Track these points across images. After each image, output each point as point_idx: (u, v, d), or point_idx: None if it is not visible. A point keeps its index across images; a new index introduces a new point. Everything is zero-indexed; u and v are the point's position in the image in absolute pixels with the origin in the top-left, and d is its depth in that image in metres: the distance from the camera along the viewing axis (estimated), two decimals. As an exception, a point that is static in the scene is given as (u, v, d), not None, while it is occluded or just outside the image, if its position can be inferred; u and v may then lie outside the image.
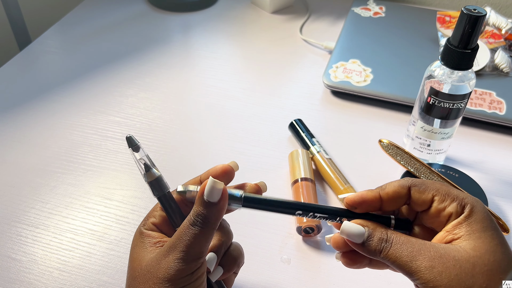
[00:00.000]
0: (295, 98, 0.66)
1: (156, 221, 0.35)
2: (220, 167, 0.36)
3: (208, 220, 0.32)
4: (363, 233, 0.32)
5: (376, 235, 0.31)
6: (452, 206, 0.31)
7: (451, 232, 0.31)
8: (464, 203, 0.31)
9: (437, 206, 0.32)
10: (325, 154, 0.54)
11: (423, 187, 0.32)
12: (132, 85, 0.68)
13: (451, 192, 0.32)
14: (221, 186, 0.32)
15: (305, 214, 0.34)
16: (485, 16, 0.43)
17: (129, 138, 0.34)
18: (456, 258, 0.29)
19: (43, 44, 0.77)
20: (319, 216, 0.34)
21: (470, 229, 0.30)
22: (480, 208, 0.31)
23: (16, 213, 0.49)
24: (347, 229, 0.32)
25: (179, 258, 0.31)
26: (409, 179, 0.33)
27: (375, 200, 0.33)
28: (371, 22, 0.79)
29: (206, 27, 0.82)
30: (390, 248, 0.31)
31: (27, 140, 0.58)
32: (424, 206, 0.32)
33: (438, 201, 0.32)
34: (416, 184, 0.32)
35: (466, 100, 0.49)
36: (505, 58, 0.67)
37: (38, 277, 0.43)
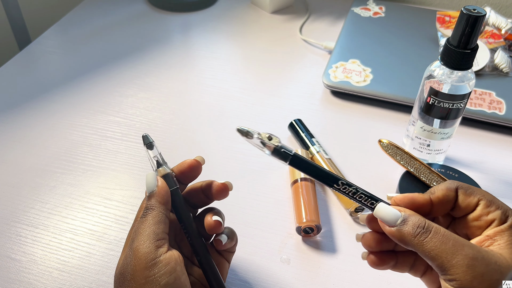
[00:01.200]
0: (294, 98, 0.66)
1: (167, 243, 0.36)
2: (187, 162, 0.38)
3: (153, 205, 0.34)
4: (398, 216, 0.31)
5: (412, 220, 0.30)
6: (496, 212, 0.31)
7: (491, 237, 0.30)
8: (508, 214, 0.31)
9: (482, 210, 0.32)
10: (325, 154, 0.54)
11: (470, 191, 0.32)
12: (132, 85, 0.68)
13: (496, 200, 0.32)
14: (154, 176, 0.36)
15: (346, 188, 0.34)
16: (484, 16, 0.43)
17: (144, 136, 0.38)
18: (498, 263, 0.28)
19: (43, 44, 0.77)
20: (360, 193, 0.33)
21: (511, 238, 0.30)
22: None
23: (16, 213, 0.49)
24: (382, 210, 0.31)
25: (137, 246, 0.32)
26: (456, 182, 0.33)
27: (425, 204, 0.32)
28: (371, 22, 0.79)
29: (206, 27, 0.82)
30: (428, 236, 0.29)
31: (26, 140, 0.58)
32: (467, 210, 0.32)
33: (484, 205, 0.32)
34: (463, 187, 0.33)
35: (465, 100, 0.49)
36: (504, 58, 0.67)
37: (37, 277, 0.43)
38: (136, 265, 0.31)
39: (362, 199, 0.33)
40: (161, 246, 0.33)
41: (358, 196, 0.34)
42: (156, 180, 0.36)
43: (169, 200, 0.36)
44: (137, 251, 0.32)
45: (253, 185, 0.53)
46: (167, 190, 0.36)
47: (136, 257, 0.32)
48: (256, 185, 0.53)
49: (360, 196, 0.33)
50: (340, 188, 0.34)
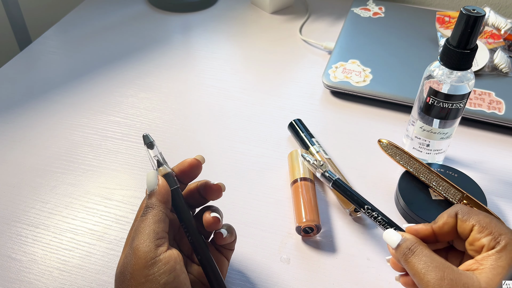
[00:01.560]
0: (294, 98, 0.66)
1: None
2: (188, 161, 0.38)
3: (154, 204, 0.34)
4: (399, 240, 0.35)
5: (405, 243, 0.34)
6: (486, 238, 0.32)
7: (478, 261, 0.32)
8: (500, 239, 0.32)
9: (474, 236, 0.33)
10: (325, 154, 0.54)
11: (466, 216, 0.34)
12: (132, 85, 0.68)
13: (491, 225, 0.33)
14: (155, 174, 0.36)
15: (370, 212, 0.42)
16: (484, 16, 0.43)
17: (145, 136, 0.38)
18: (466, 286, 0.30)
19: (44, 44, 0.77)
20: (380, 218, 0.41)
21: (495, 263, 0.31)
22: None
23: (16, 213, 0.49)
24: (387, 234, 0.36)
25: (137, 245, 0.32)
26: (458, 206, 0.35)
27: (428, 234, 0.36)
28: (371, 23, 0.79)
29: (206, 27, 0.82)
30: (411, 256, 0.33)
31: (27, 140, 0.58)
32: (464, 235, 0.35)
33: (476, 231, 0.33)
34: (462, 211, 0.35)
35: (465, 100, 0.49)
36: (504, 58, 0.67)
37: (38, 277, 0.43)
38: (136, 264, 0.32)
39: (381, 223, 0.41)
40: (161, 245, 0.33)
41: (377, 221, 0.41)
42: (157, 179, 0.36)
43: (170, 199, 0.36)
44: (137, 250, 0.32)
45: (253, 185, 0.53)
46: (167, 189, 0.36)
47: (136, 256, 0.32)
48: (256, 185, 0.53)
49: (379, 221, 0.41)
50: (365, 212, 0.42)
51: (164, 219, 0.34)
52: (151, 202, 0.35)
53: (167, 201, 0.36)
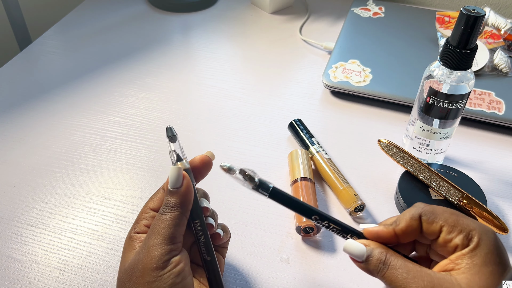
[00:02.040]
0: (294, 98, 0.66)
1: (148, 222, 0.36)
2: (199, 158, 0.37)
3: (176, 205, 0.33)
4: (364, 252, 0.33)
5: (375, 256, 0.32)
6: (458, 237, 0.31)
7: (453, 261, 0.31)
8: (471, 235, 0.31)
9: (445, 237, 0.32)
10: (325, 154, 0.54)
11: (432, 217, 0.32)
12: (132, 85, 0.68)
13: (459, 223, 0.31)
14: (181, 171, 0.34)
15: (320, 222, 0.35)
16: (484, 16, 0.43)
17: (168, 128, 0.37)
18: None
19: (44, 44, 0.77)
20: (333, 227, 0.35)
21: (471, 262, 0.30)
22: (488, 242, 0.30)
23: (16, 213, 0.49)
24: (350, 247, 0.33)
25: (152, 245, 0.32)
26: (420, 207, 0.33)
27: (390, 237, 0.34)
28: (371, 23, 0.79)
29: (206, 27, 0.82)
30: (386, 271, 0.31)
31: (27, 140, 0.59)
32: (433, 236, 0.33)
33: (446, 232, 0.32)
34: (426, 213, 0.33)
35: (465, 100, 0.49)
36: (504, 58, 0.67)
37: (38, 277, 0.43)
38: (148, 264, 0.32)
39: (335, 231, 0.35)
40: (176, 249, 0.33)
41: (331, 229, 0.35)
42: (182, 177, 0.34)
43: (192, 201, 0.35)
44: (151, 250, 0.32)
45: (253, 185, 0.53)
46: (191, 190, 0.35)
47: (149, 256, 0.32)
48: (256, 185, 0.53)
49: (333, 229, 0.35)
50: (316, 221, 0.35)
51: (184, 222, 0.34)
52: (173, 201, 0.34)
53: (190, 203, 0.34)
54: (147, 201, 0.37)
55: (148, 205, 0.37)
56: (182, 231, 0.34)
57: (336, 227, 0.35)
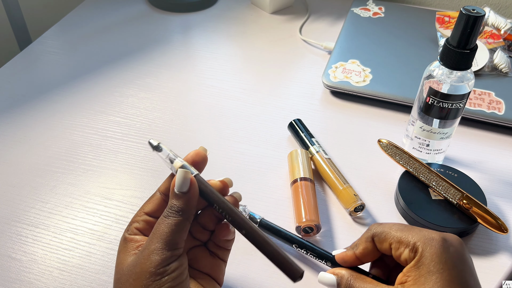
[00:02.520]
0: (294, 98, 0.66)
1: (139, 226, 0.36)
2: (194, 151, 0.37)
3: (180, 210, 0.33)
4: (334, 281, 0.36)
5: (343, 283, 0.35)
6: (405, 253, 0.33)
7: (405, 274, 0.32)
8: (416, 247, 0.32)
9: (395, 254, 0.34)
10: (325, 154, 0.54)
11: (382, 237, 0.34)
12: (132, 85, 0.68)
13: (404, 238, 0.33)
14: (189, 175, 0.34)
15: (301, 248, 0.42)
16: (484, 16, 0.43)
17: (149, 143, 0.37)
18: None
19: (44, 44, 0.77)
20: (310, 253, 0.41)
21: (418, 273, 0.32)
22: (432, 250, 0.32)
23: (16, 213, 0.49)
24: (322, 278, 0.37)
25: (154, 250, 0.32)
26: (372, 229, 0.35)
27: (353, 260, 0.37)
28: (371, 23, 0.79)
29: (206, 27, 0.82)
30: None
31: (27, 140, 0.59)
32: (388, 253, 0.35)
33: (394, 249, 0.34)
34: (377, 234, 0.35)
35: (465, 100, 0.49)
36: (504, 58, 0.67)
37: (38, 277, 0.43)
38: (147, 267, 0.31)
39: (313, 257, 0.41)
40: (176, 254, 0.33)
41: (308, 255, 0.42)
42: (189, 181, 0.34)
43: (196, 205, 0.34)
44: (152, 255, 0.32)
45: (253, 185, 0.53)
46: (197, 195, 0.34)
47: (149, 260, 0.32)
48: (256, 185, 0.53)
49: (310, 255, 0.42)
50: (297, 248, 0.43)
51: (187, 228, 0.33)
52: (178, 206, 0.33)
53: (194, 208, 0.34)
54: (143, 204, 0.37)
55: (143, 208, 0.36)
56: (184, 237, 0.33)
57: (313, 254, 0.41)
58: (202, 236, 0.38)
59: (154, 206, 0.36)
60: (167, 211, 0.33)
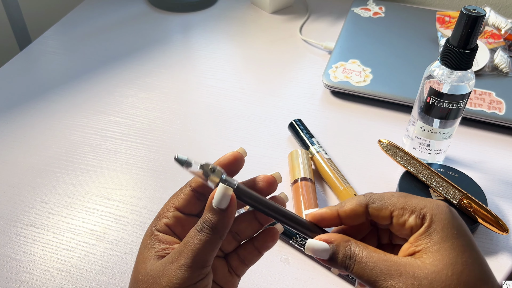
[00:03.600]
0: (294, 98, 0.66)
1: (170, 221, 0.34)
2: (231, 153, 0.35)
3: (216, 227, 0.31)
4: (328, 249, 0.32)
5: (341, 251, 0.31)
6: (411, 218, 0.30)
7: (413, 244, 0.30)
8: (423, 213, 0.30)
9: (397, 222, 0.31)
10: (325, 154, 0.54)
11: (380, 204, 0.32)
12: (132, 85, 0.68)
13: (408, 204, 0.31)
14: (230, 192, 0.31)
15: None
16: (484, 16, 0.43)
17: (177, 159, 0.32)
18: (415, 276, 0.28)
19: (43, 44, 0.77)
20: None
21: (430, 240, 0.29)
22: (442, 216, 0.30)
23: (16, 213, 0.49)
24: (312, 246, 0.32)
25: (182, 266, 0.30)
26: (368, 196, 0.32)
27: (333, 218, 0.33)
28: (371, 22, 0.79)
29: (206, 27, 0.82)
30: (354, 266, 0.30)
31: (27, 140, 0.58)
32: (385, 222, 0.32)
33: (396, 216, 0.31)
34: (374, 201, 0.32)
35: (465, 100, 0.49)
36: (504, 58, 0.67)
37: (37, 277, 0.43)
38: (173, 283, 0.30)
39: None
40: (205, 273, 0.31)
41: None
42: (230, 198, 0.31)
43: (230, 226, 0.33)
44: (181, 270, 0.30)
45: (253, 185, 0.53)
46: (234, 215, 0.32)
47: (176, 275, 0.30)
48: (256, 185, 0.53)
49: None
50: None
51: (219, 246, 0.32)
52: (214, 222, 0.31)
53: (229, 227, 0.32)
54: (171, 197, 0.35)
55: (172, 201, 0.34)
56: (214, 255, 0.32)
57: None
58: (228, 247, 0.36)
59: (184, 201, 0.34)
60: (201, 225, 0.31)
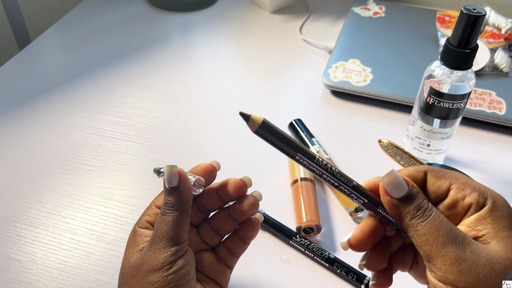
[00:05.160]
0: (294, 98, 0.66)
1: (151, 219, 0.35)
2: (202, 166, 0.36)
3: (176, 205, 0.33)
4: (405, 189, 0.28)
5: (418, 199, 0.28)
6: (473, 195, 0.28)
7: (473, 227, 0.28)
8: (486, 195, 0.28)
9: (455, 195, 0.28)
10: (325, 154, 0.54)
11: (441, 173, 0.29)
12: (131, 85, 0.68)
13: (471, 182, 0.29)
14: (176, 169, 0.33)
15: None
16: (484, 16, 0.43)
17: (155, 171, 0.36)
18: (488, 258, 0.26)
19: (43, 44, 0.77)
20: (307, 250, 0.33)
21: (496, 226, 0.27)
22: (504, 203, 0.28)
23: (16, 213, 0.49)
24: (395, 175, 0.28)
25: (158, 248, 0.32)
26: (427, 165, 0.30)
27: None
28: (371, 22, 0.79)
29: (206, 27, 0.82)
30: (426, 219, 0.27)
31: (26, 140, 0.58)
32: (439, 194, 0.29)
33: (456, 189, 0.28)
34: (434, 170, 0.30)
35: (465, 100, 0.49)
36: (504, 58, 0.67)
37: (37, 277, 0.43)
38: (153, 265, 0.31)
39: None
40: (181, 249, 0.32)
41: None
42: (178, 175, 0.33)
43: (191, 197, 0.34)
44: (157, 252, 0.32)
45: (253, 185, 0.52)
46: (189, 188, 0.33)
47: (155, 258, 0.32)
48: (256, 185, 0.53)
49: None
50: None
51: (187, 221, 0.33)
52: (172, 201, 0.33)
53: (190, 200, 0.33)
54: (155, 198, 0.37)
55: (154, 202, 0.36)
56: (186, 230, 0.33)
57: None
58: (212, 241, 0.38)
59: None
60: (163, 209, 0.33)
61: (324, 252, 0.44)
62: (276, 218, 0.49)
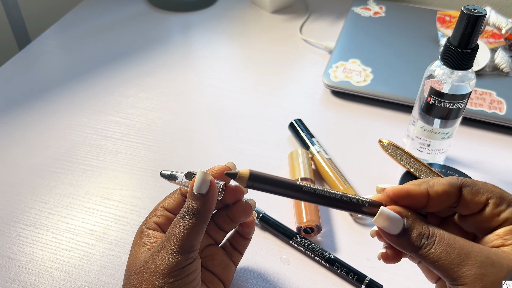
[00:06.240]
0: (295, 98, 0.66)
1: (159, 220, 0.35)
2: (218, 168, 0.36)
3: (198, 213, 0.32)
4: (401, 222, 0.28)
5: (417, 228, 0.28)
6: (508, 211, 0.28)
7: (502, 237, 0.28)
8: None
9: (492, 211, 0.29)
10: (325, 154, 0.54)
11: (476, 188, 0.29)
12: (131, 85, 0.68)
13: (506, 196, 0.29)
14: (209, 177, 0.32)
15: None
16: (485, 16, 0.43)
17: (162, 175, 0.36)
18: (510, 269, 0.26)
19: (43, 43, 0.77)
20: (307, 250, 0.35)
21: None
22: None
23: (16, 213, 0.49)
24: (386, 214, 0.28)
25: (169, 252, 0.31)
26: (459, 178, 0.29)
27: (421, 197, 0.29)
28: (371, 22, 0.79)
29: (206, 27, 0.82)
30: (433, 246, 0.27)
31: (26, 140, 0.58)
32: (475, 209, 0.29)
33: (493, 204, 0.29)
34: (468, 184, 0.29)
35: (466, 100, 0.48)
36: (505, 58, 0.67)
37: (37, 277, 0.43)
38: (161, 269, 0.31)
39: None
40: (191, 257, 0.32)
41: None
42: (209, 183, 0.32)
43: (213, 210, 0.33)
44: (167, 256, 0.31)
45: (253, 185, 0.53)
46: (215, 199, 0.33)
47: (164, 262, 0.31)
48: (256, 185, 0.53)
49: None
50: None
51: (203, 230, 0.33)
52: (195, 208, 0.32)
53: (212, 211, 0.33)
54: (163, 199, 0.36)
55: (162, 203, 0.36)
56: (200, 239, 0.33)
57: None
58: (217, 236, 0.38)
59: (174, 203, 0.36)
60: (183, 212, 0.32)
61: (324, 252, 0.44)
62: (276, 218, 0.49)
